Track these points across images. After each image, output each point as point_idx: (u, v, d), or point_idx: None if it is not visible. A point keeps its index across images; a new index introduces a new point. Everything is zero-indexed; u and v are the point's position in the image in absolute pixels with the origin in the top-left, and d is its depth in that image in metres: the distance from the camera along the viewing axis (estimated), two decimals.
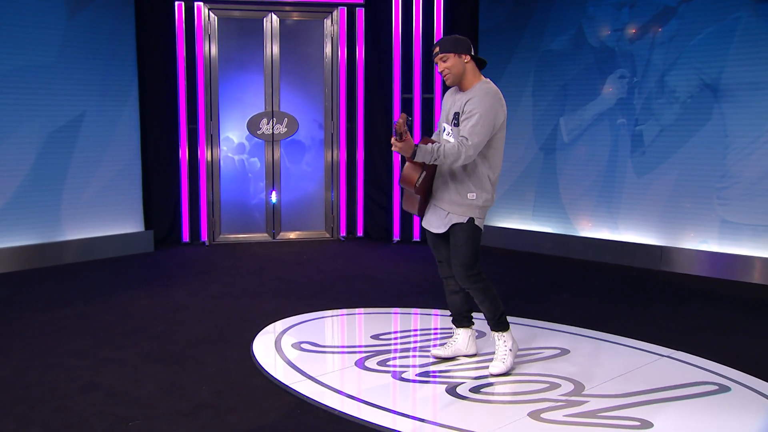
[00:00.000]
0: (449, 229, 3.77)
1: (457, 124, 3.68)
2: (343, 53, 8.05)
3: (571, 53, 7.22)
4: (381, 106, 8.14)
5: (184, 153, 7.70)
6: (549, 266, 6.87)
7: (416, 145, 3.55)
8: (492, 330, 3.91)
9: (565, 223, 7.41)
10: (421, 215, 3.96)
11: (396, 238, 8.13)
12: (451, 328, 4.22)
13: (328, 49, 8.09)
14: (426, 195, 3.87)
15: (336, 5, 7.98)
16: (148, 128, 7.52)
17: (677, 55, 6.47)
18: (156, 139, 7.59)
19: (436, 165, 3.78)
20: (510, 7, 7.65)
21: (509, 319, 3.99)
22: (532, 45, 7.52)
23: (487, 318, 3.90)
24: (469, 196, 3.72)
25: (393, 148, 3.55)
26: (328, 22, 8.05)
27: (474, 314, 4.14)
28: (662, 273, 6.54)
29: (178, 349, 4.28)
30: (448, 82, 3.76)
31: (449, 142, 3.68)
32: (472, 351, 4.11)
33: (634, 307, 5.37)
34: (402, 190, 3.96)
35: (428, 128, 7.93)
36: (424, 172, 3.73)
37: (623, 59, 6.84)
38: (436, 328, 4.84)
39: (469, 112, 3.61)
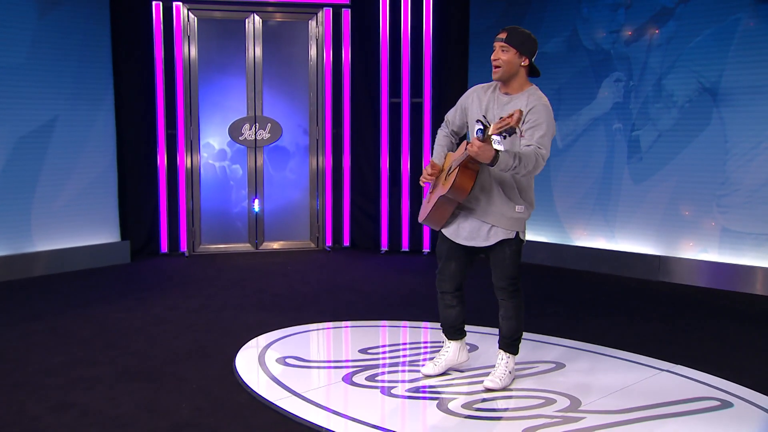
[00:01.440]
0: (495, 243, 3.72)
1: (506, 136, 3.48)
2: (328, 56, 8.06)
3: (566, 56, 7.27)
4: (368, 110, 8.15)
5: (162, 159, 7.68)
6: (543, 277, 6.90)
7: (497, 150, 3.38)
8: (501, 348, 3.91)
9: (559, 233, 7.44)
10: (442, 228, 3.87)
11: (384, 248, 8.12)
12: (442, 341, 4.21)
13: (312, 52, 8.10)
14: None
15: (321, 6, 8.00)
16: (125, 133, 7.50)
17: (675, 58, 6.53)
18: (133, 145, 7.57)
19: (483, 174, 3.67)
20: (502, 9, 7.69)
21: (497, 331, 3.98)
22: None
23: (504, 335, 3.88)
24: (518, 209, 3.70)
25: (470, 150, 3.34)
26: (312, 23, 8.06)
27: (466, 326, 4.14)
28: (660, 284, 6.57)
29: (157, 366, 4.25)
30: (495, 75, 3.63)
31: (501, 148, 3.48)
32: (464, 359, 4.11)
33: (632, 319, 5.38)
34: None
35: (417, 135, 7.94)
36: (476, 181, 3.61)
37: (619, 62, 6.90)
38: (426, 342, 4.84)
39: (534, 121, 3.53)
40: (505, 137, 3.35)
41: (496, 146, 3.42)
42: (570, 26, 7.22)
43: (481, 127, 3.47)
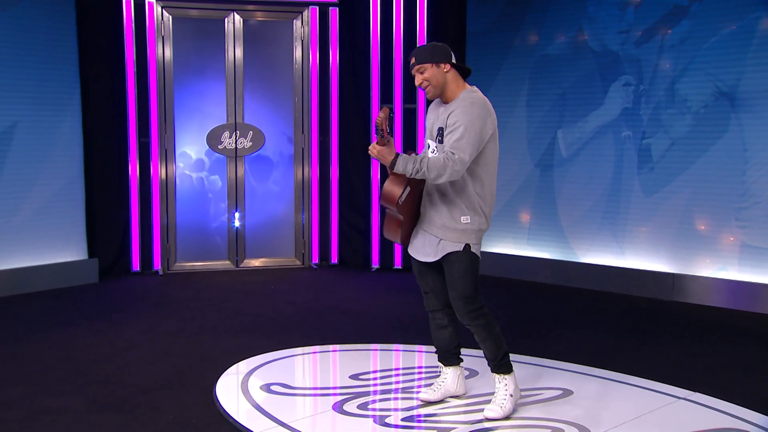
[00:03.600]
0: (442, 258, 3.77)
1: (442, 140, 3.69)
2: (314, 58, 8.08)
3: (570, 58, 7.31)
4: (357, 117, 8.16)
5: (134, 170, 7.65)
6: (547, 296, 6.89)
7: (397, 153, 3.56)
8: (493, 372, 3.90)
9: (564, 249, 7.44)
10: (405, 243, 3.93)
11: (375, 265, 8.12)
12: (438, 367, 4.20)
13: (298, 54, 8.11)
14: (411, 218, 3.85)
15: (307, 4, 8.02)
16: (93, 141, 7.47)
17: (689, 60, 6.56)
18: (101, 154, 7.54)
19: (423, 182, 3.78)
20: (502, 7, 7.73)
21: None
22: (526, 49, 7.60)
23: (488, 358, 3.89)
24: (463, 219, 3.72)
25: (371, 152, 3.56)
26: (297, 23, 8.08)
27: (463, 350, 4.13)
28: (675, 304, 6.58)
29: (129, 395, 4.22)
30: (428, 96, 3.79)
31: None
32: (461, 391, 4.11)
33: (644, 342, 5.38)
34: (382, 213, 3.96)
35: (411, 143, 7.96)
36: (409, 188, 3.70)
37: (628, 65, 6.93)
38: (420, 367, 4.84)
39: (452, 124, 3.63)
40: (381, 135, 3.55)
41: (430, 155, 3.70)
42: (575, 26, 7.26)
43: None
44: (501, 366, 3.87)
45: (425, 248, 3.82)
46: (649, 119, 6.83)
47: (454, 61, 3.73)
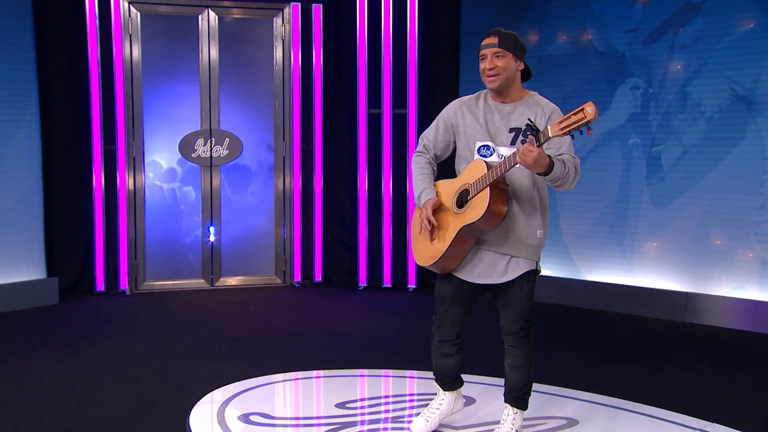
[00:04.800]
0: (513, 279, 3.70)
1: (522, 141, 3.52)
2: (296, 59, 8.09)
3: (573, 59, 7.34)
4: (343, 123, 8.17)
5: (98, 180, 7.63)
6: (549, 317, 6.89)
7: (549, 156, 3.40)
8: (507, 402, 3.89)
9: (567, 265, 7.46)
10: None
11: (362, 283, 8.11)
12: (433, 393, 4.20)
13: (278, 54, 8.12)
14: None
15: (288, 1, 8.04)
16: (52, 149, 7.43)
17: (702, 61, 6.61)
18: (62, 163, 7.50)
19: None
20: (499, 4, 7.77)
21: (499, 381, 3.96)
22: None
23: (511, 388, 3.86)
24: (539, 233, 3.68)
25: (527, 157, 3.31)
26: (278, 20, 8.10)
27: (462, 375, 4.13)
28: (688, 326, 6.59)
29: (94, 428, 4.19)
30: (493, 86, 3.65)
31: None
32: (459, 408, 4.12)
33: (656, 367, 5.39)
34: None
35: (401, 152, 7.95)
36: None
37: (636, 66, 6.97)
38: (412, 394, 4.83)
39: None
40: (573, 136, 3.34)
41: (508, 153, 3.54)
42: (578, 25, 7.30)
43: (528, 132, 3.41)
44: (521, 400, 3.86)
45: (487, 268, 3.70)
46: (659, 125, 6.86)
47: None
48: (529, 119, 3.44)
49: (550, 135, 3.28)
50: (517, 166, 3.42)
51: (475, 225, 3.54)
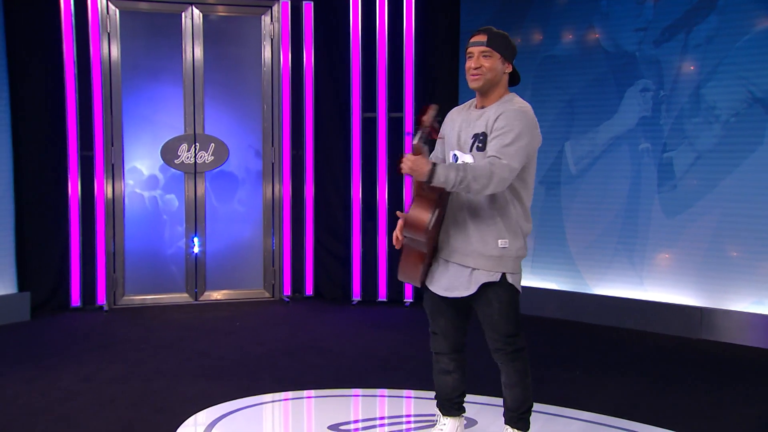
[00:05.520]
0: (476, 292, 3.71)
1: (482, 148, 3.62)
2: (286, 60, 8.10)
3: (579, 60, 7.35)
4: (335, 127, 8.18)
5: (74, 188, 7.60)
6: (554, 333, 6.91)
7: (434, 163, 3.47)
8: (507, 424, 3.90)
9: (573, 278, 7.45)
10: (423, 281, 3.87)
11: (356, 297, 8.10)
12: (433, 415, 4.19)
13: (267, 54, 8.12)
14: (434, 248, 3.80)
15: None
16: (24, 155, 7.41)
17: (717, 62, 6.61)
18: (35, 170, 7.49)
19: (447, 202, 3.73)
20: (500, 2, 7.78)
21: (499, 401, 3.95)
22: (529, 50, 7.63)
23: (508, 407, 3.88)
24: (500, 243, 3.69)
25: (404, 167, 3.46)
26: (266, 19, 8.10)
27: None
28: (703, 342, 6.59)
29: None
30: (475, 85, 3.70)
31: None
32: None
33: (668, 387, 5.37)
34: (390, 248, 3.92)
35: (397, 158, 7.92)
36: (437, 210, 3.62)
37: (647, 67, 6.98)
38: (409, 415, 4.86)
39: (500, 128, 3.58)
40: (425, 141, 3.49)
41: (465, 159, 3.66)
42: (585, 23, 7.31)
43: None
44: (520, 420, 3.87)
45: (452, 281, 3.75)
46: (670, 129, 6.86)
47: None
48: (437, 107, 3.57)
49: (415, 142, 3.46)
50: None
51: (405, 236, 3.68)
